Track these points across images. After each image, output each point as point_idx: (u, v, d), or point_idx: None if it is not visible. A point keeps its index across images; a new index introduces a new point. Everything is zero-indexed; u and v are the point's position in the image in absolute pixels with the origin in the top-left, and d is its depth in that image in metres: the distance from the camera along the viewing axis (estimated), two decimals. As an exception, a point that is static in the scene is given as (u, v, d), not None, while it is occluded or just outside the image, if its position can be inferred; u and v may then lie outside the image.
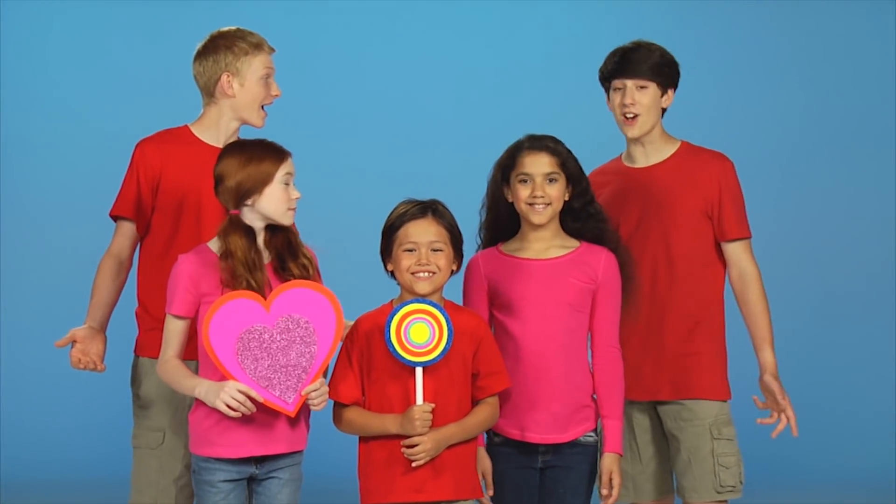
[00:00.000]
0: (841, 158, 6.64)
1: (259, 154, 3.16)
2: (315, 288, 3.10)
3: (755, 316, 3.55)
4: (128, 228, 3.52)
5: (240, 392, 3.01)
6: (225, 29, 3.53)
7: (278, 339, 3.06)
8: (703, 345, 3.54)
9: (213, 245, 3.15)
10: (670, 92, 3.57)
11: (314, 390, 3.06)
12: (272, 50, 3.53)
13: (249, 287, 3.08)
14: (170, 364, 3.15)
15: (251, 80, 3.49)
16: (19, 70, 6.61)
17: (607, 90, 3.59)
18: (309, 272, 3.15)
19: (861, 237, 6.62)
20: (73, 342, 3.46)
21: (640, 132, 3.54)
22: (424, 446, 3.07)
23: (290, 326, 3.06)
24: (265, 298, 3.07)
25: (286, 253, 3.15)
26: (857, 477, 6.12)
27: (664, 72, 3.55)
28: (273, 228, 3.16)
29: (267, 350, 3.05)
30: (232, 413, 3.01)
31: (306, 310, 3.07)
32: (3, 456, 6.14)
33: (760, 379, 3.53)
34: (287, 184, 3.14)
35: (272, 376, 3.05)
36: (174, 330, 3.15)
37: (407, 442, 3.08)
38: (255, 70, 3.49)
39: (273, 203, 3.14)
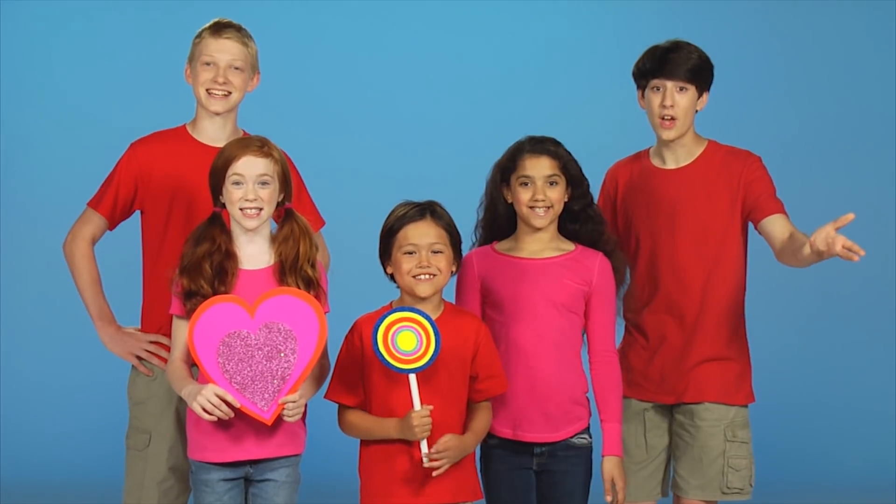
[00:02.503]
0: (841, 159, 6.64)
1: (223, 151, 3.16)
2: (301, 296, 3.07)
3: (801, 237, 3.32)
4: (101, 222, 3.51)
5: (216, 396, 3.00)
6: None
7: (259, 345, 3.04)
8: (731, 349, 3.51)
9: None
10: (705, 95, 3.52)
11: (291, 401, 3.03)
12: (226, 37, 3.45)
13: (190, 293, 3.06)
14: (172, 366, 3.15)
15: (195, 63, 3.47)
16: (20, 70, 6.60)
17: (643, 88, 3.52)
18: (308, 292, 3.10)
19: (861, 238, 6.58)
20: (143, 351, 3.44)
21: (677, 135, 3.48)
22: (448, 453, 3.05)
23: (272, 334, 3.04)
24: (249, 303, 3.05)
25: (288, 264, 3.11)
26: (857, 477, 6.11)
27: (703, 74, 3.50)
28: (286, 237, 3.13)
29: (247, 356, 3.03)
30: (206, 416, 3.00)
31: (290, 318, 3.04)
32: (3, 456, 6.14)
33: (815, 233, 3.20)
34: (237, 184, 3.10)
35: (251, 382, 3.02)
36: (178, 330, 3.15)
37: (433, 450, 3.05)
38: (197, 55, 3.47)
39: (228, 203, 3.13)
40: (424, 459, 3.05)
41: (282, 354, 3.03)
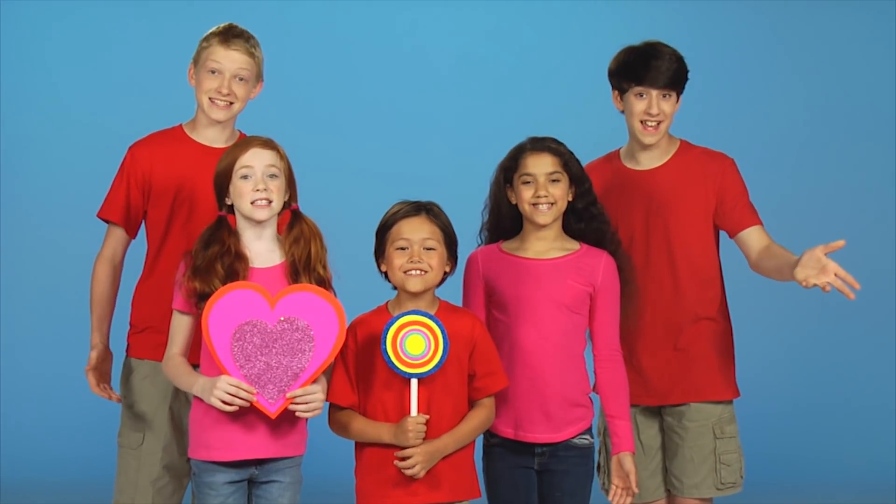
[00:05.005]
0: (841, 159, 6.64)
1: (227, 153, 3.16)
2: (324, 296, 3.05)
3: (783, 251, 3.39)
4: (119, 232, 3.50)
5: (231, 385, 2.98)
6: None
7: (276, 338, 3.01)
8: (711, 346, 3.53)
9: None
10: (681, 98, 3.55)
11: (299, 395, 3.02)
12: (235, 48, 3.44)
13: (203, 294, 3.03)
14: (173, 361, 3.14)
15: (200, 68, 3.46)
16: (18, 70, 6.60)
17: (621, 90, 3.53)
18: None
19: (861, 238, 6.57)
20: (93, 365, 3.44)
21: (659, 139, 3.52)
22: (416, 458, 3.06)
23: (290, 328, 3.02)
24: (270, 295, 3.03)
25: (301, 265, 3.10)
26: (857, 477, 6.12)
27: (682, 79, 3.53)
28: (297, 238, 3.13)
29: (262, 347, 3.01)
30: (227, 408, 2.99)
31: (310, 315, 3.03)
32: (3, 456, 6.14)
33: (805, 255, 3.24)
34: (246, 177, 3.09)
35: (262, 374, 3.00)
36: (178, 325, 3.14)
37: (400, 454, 3.07)
38: (203, 60, 3.45)
39: (237, 199, 3.11)
40: (396, 461, 3.07)
41: (297, 350, 3.01)
